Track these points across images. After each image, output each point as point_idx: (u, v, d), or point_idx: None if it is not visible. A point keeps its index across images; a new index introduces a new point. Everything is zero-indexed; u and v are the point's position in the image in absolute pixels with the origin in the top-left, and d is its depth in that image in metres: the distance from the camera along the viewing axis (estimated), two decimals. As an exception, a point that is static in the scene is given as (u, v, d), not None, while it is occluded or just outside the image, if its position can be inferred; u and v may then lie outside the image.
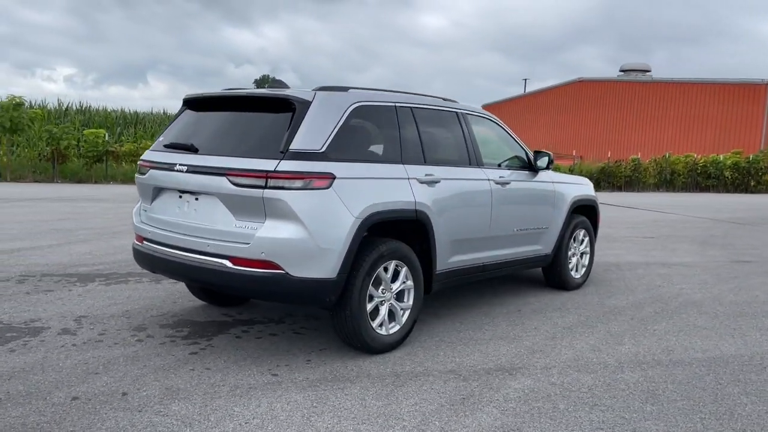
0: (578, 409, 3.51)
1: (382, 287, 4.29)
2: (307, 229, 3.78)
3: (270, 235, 3.77)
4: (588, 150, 41.93)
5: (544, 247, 6.05)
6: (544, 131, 50.82)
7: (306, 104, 4.02)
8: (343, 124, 4.13)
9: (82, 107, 35.01)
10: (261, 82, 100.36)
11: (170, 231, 4.23)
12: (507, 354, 4.41)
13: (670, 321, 5.44)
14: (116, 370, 3.83)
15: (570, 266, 6.45)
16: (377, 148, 4.50)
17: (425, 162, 4.68)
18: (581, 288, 6.60)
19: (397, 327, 4.40)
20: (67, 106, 35.09)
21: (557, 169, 24.69)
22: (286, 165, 3.77)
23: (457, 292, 6.20)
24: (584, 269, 6.70)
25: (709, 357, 4.50)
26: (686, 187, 30.09)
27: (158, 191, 4.40)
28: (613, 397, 3.70)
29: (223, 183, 3.88)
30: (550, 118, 51.49)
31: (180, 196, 4.22)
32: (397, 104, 4.62)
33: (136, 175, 4.64)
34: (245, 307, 5.36)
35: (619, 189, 28.88)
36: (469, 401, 3.56)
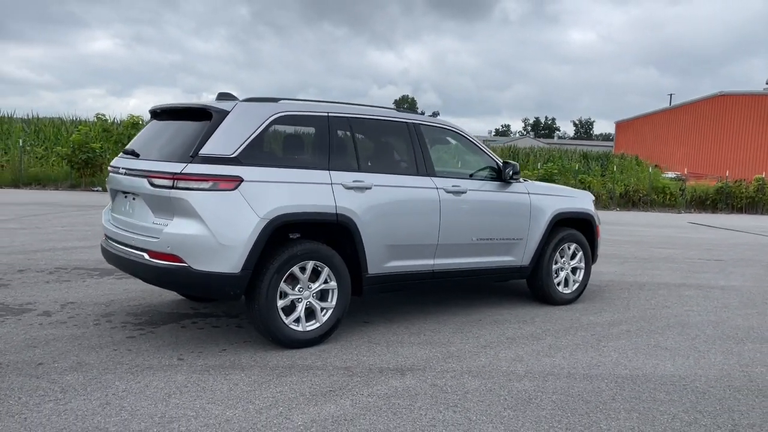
0: (432, 408, 3.56)
1: (299, 286, 4.54)
2: (208, 227, 4.13)
3: (175, 231, 4.17)
4: (719, 168, 38.94)
5: (517, 258, 5.97)
6: (680, 147, 47.76)
7: (223, 114, 4.40)
8: (260, 132, 4.46)
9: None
10: (400, 102, 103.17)
11: (119, 228, 4.76)
12: (420, 357, 4.48)
13: (634, 340, 5.19)
14: (53, 345, 4.38)
15: (556, 280, 6.29)
16: (299, 155, 4.77)
17: (359, 169, 4.88)
18: (572, 303, 6.40)
19: (317, 325, 4.62)
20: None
21: (552, 181, 22.79)
22: (192, 168, 4.16)
23: (434, 298, 6.26)
24: (577, 285, 6.49)
25: (633, 374, 4.30)
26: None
27: (115, 192, 4.95)
28: (480, 402, 3.69)
29: (144, 184, 4.35)
30: (687, 134, 48.30)
31: (125, 196, 4.74)
32: (330, 114, 4.87)
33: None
34: (216, 303, 5.80)
35: (739, 210, 26.58)
36: (331, 393, 3.72)
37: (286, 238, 4.64)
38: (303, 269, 4.54)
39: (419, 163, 5.28)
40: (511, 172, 5.77)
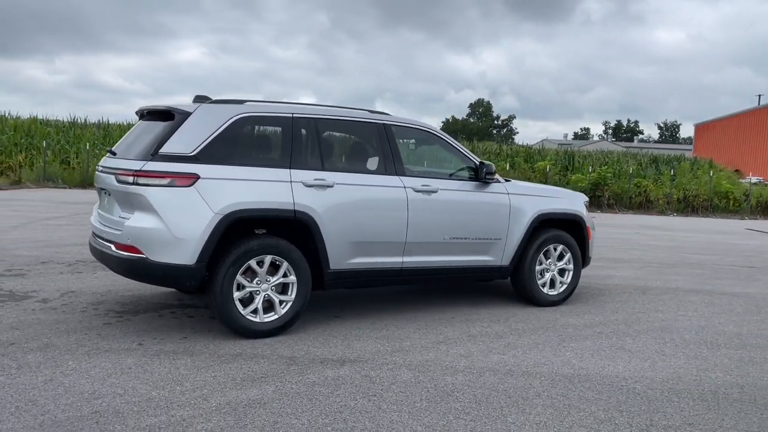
0: (349, 397, 3.70)
1: (257, 279, 4.76)
2: (164, 221, 4.43)
3: (134, 224, 4.49)
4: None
5: (496, 258, 6.00)
6: (754, 152, 45.36)
7: (186, 115, 4.69)
8: (221, 132, 4.72)
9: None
10: (475, 105, 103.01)
11: (101, 223, 5.13)
12: (369, 350, 4.62)
13: (600, 342, 5.14)
14: (33, 328, 4.78)
15: (540, 281, 6.26)
16: (260, 154, 5.00)
17: (322, 168, 5.07)
18: (560, 305, 6.35)
19: (276, 317, 4.83)
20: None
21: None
22: (151, 165, 4.47)
23: (415, 296, 6.36)
24: (564, 287, 6.43)
25: (575, 374, 4.29)
26: None
27: (99, 190, 5.34)
28: (401, 393, 3.80)
29: (113, 180, 4.69)
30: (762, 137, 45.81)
31: (104, 193, 5.11)
32: (295, 115, 5.08)
33: (97, 176, 5.65)
34: (201, 296, 6.09)
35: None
36: (261, 380, 3.92)
37: (252, 233, 4.87)
38: (261, 263, 4.76)
39: (387, 162, 5.41)
40: (485, 172, 5.81)
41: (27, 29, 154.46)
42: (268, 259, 4.78)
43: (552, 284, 6.39)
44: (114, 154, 5.04)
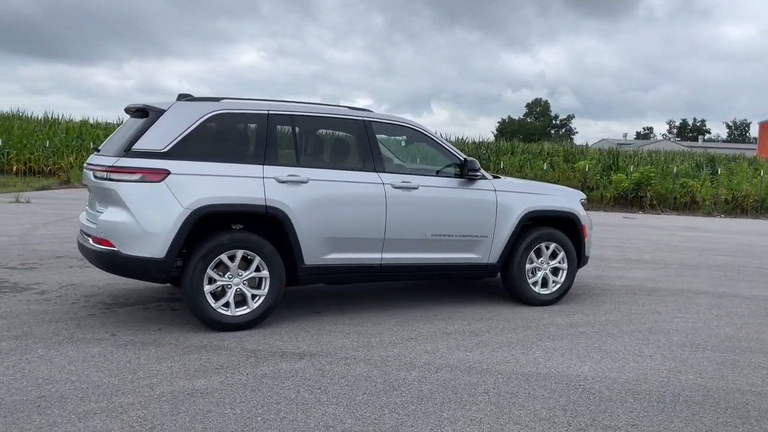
0: (292, 389, 3.75)
1: (229, 273, 4.86)
2: (134, 215, 4.57)
3: (107, 219, 4.66)
4: None
5: (483, 256, 5.93)
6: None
7: (160, 112, 4.83)
8: (194, 129, 4.84)
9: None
10: (532, 105, 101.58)
11: (86, 218, 5.32)
12: (334, 345, 4.65)
13: (577, 341, 5.03)
14: (20, 318, 5.00)
15: (531, 280, 6.16)
16: (233, 150, 5.08)
17: (298, 164, 5.13)
18: (553, 305, 6.22)
19: (248, 310, 4.92)
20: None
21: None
22: (123, 162, 4.63)
23: (404, 293, 6.35)
24: (558, 286, 6.30)
25: (534, 372, 4.22)
26: None
27: (87, 187, 5.54)
28: (346, 386, 3.83)
29: (90, 176, 4.88)
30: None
31: (89, 189, 5.30)
32: (271, 112, 5.16)
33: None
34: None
35: None
36: (214, 371, 4.00)
37: (228, 228, 4.97)
38: (232, 257, 4.85)
39: (366, 158, 5.43)
40: (468, 169, 5.75)
41: (97, 37, 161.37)
42: (239, 253, 4.86)
43: (545, 283, 6.27)
44: (98, 151, 5.22)
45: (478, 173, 5.84)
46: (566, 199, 6.44)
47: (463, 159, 5.86)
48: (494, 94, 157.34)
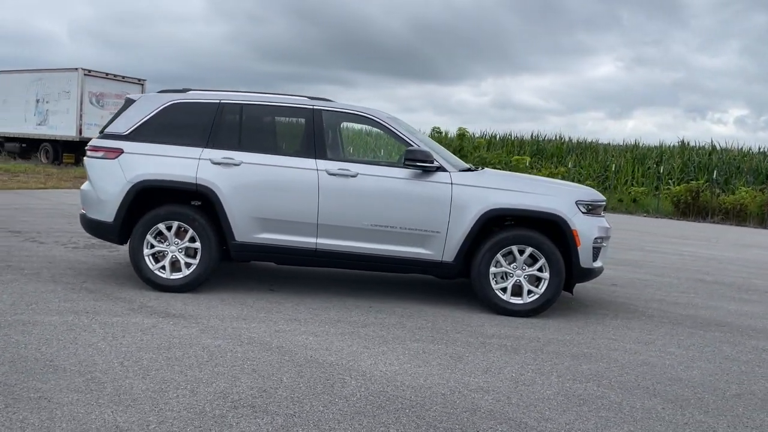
0: (114, 337, 4.32)
1: (167, 242, 5.62)
2: (94, 186, 5.63)
3: (83, 188, 5.84)
4: None
5: (435, 253, 5.70)
6: None
7: (132, 102, 5.79)
8: (152, 116, 5.70)
9: (532, 137, 34.98)
10: None
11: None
12: (220, 315, 5.05)
13: (510, 358, 4.54)
14: (12, 291, 5.72)
15: (498, 286, 5.71)
16: (182, 135, 5.74)
17: (238, 148, 5.65)
18: (532, 317, 5.72)
19: (181, 275, 5.65)
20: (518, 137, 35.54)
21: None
22: (95, 142, 5.72)
23: (372, 286, 6.41)
24: (536, 296, 5.69)
25: (350, 367, 4.11)
26: None
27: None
28: (167, 348, 4.21)
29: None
30: None
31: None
32: (223, 101, 5.76)
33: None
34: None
35: None
36: (89, 312, 4.78)
37: (187, 203, 5.74)
38: (170, 227, 5.60)
39: (308, 145, 5.70)
40: (414, 159, 5.57)
41: (462, 57, 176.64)
42: (175, 224, 5.59)
43: (519, 291, 5.76)
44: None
45: (428, 164, 5.60)
46: (551, 197, 5.76)
47: (423, 149, 5.67)
48: None
